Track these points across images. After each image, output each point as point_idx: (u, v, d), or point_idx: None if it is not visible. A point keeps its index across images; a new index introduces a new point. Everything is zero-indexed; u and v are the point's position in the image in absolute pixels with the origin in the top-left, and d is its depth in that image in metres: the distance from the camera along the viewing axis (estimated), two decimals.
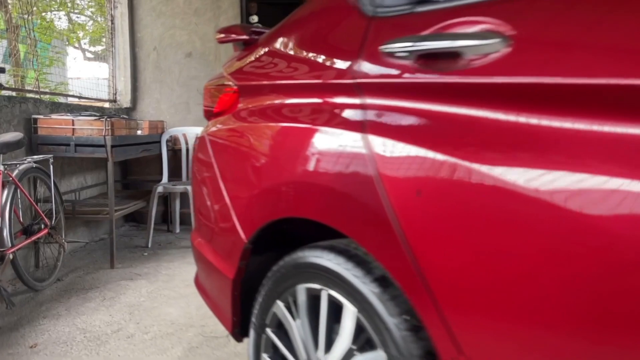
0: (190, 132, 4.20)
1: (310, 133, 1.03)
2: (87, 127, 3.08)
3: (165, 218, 4.42)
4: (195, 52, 4.71)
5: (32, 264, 3.00)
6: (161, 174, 4.47)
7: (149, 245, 3.71)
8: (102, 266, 3.20)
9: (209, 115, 1.55)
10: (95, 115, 3.20)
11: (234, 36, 1.50)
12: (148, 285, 2.81)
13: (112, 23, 4.57)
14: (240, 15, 4.66)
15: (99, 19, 8.32)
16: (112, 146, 3.08)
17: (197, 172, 1.58)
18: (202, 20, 4.68)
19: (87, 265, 3.22)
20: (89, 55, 12.30)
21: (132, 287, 2.79)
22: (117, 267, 3.17)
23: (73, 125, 3.07)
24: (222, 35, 1.56)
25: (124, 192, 4.27)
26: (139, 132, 3.66)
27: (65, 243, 2.89)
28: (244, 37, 1.47)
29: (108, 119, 3.08)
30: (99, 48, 12.26)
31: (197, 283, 1.67)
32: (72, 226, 3.46)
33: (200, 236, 1.57)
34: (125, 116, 3.71)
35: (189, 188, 3.71)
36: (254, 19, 4.69)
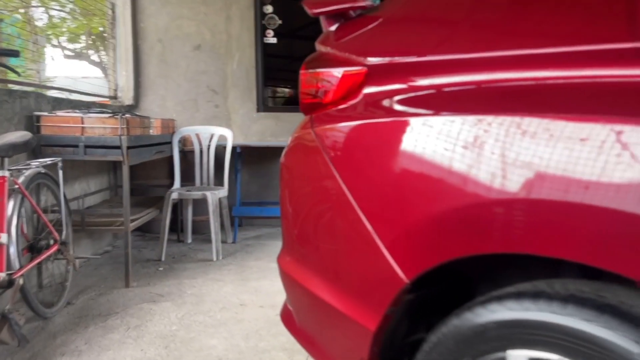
0: (203, 132, 3.80)
1: (567, 125, 0.68)
2: (99, 126, 2.67)
3: (174, 227, 4.01)
4: (205, 44, 4.31)
5: (34, 283, 2.58)
6: (170, 178, 4.07)
7: (163, 259, 3.31)
8: (115, 285, 2.80)
9: (311, 107, 1.19)
10: (107, 112, 2.79)
11: (346, 4, 1.15)
12: (176, 310, 2.42)
13: (113, 12, 4.14)
14: (254, 4, 4.28)
15: (80, 17, 7.83)
16: (128, 147, 2.68)
17: (293, 181, 1.22)
18: (212, 9, 4.29)
19: (97, 284, 2.81)
20: (68, 52, 11.73)
21: (157, 311, 2.39)
22: (132, 286, 2.77)
23: (82, 123, 2.66)
24: (324, 6, 1.20)
25: (131, 199, 3.84)
26: (151, 132, 3.26)
27: (76, 260, 2.48)
28: (364, 3, 1.12)
29: (123, 117, 2.68)
30: (78, 45, 11.71)
31: (289, 321, 1.30)
32: (74, 238, 3.04)
33: (298, 261, 1.21)
34: (137, 114, 3.29)
35: (209, 194, 3.33)
36: (269, 9, 4.32)
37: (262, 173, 4.45)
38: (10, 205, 1.99)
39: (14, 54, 2.11)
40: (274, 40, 4.36)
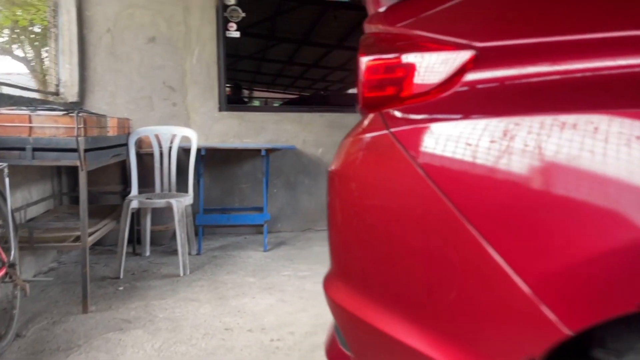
0: (164, 132, 3.43)
1: None
2: (50, 125, 2.27)
3: (129, 238, 3.60)
4: (161, 36, 3.93)
5: None
6: (123, 183, 3.66)
7: (121, 276, 2.92)
8: (70, 310, 2.40)
9: (379, 102, 0.95)
10: (59, 110, 2.39)
11: None
12: (150, 339, 2.08)
13: None
14: None
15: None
16: (86, 150, 2.30)
17: (358, 196, 0.97)
18: None
19: (49, 310, 2.40)
20: None
21: (128, 342, 2.05)
22: (91, 311, 2.38)
23: (30, 122, 2.26)
24: None
25: (77, 209, 3.40)
26: (107, 132, 2.86)
27: (26, 284, 2.07)
28: None
29: (80, 115, 2.30)
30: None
31: None
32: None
33: (366, 295, 0.96)
34: (93, 112, 2.89)
35: (174, 202, 2.98)
36: (231, 0, 4.01)
37: (224, 177, 4.12)
38: None
39: None
40: (237, 34, 4.05)
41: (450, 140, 0.80)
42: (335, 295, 1.04)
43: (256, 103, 4.68)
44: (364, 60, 0.98)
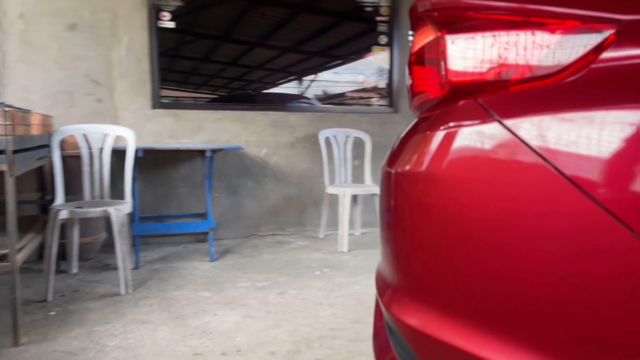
0: (95, 132, 3.02)
1: None
2: None
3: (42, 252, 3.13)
4: (82, 23, 3.49)
5: None
6: (41, 190, 3.19)
7: (50, 298, 2.51)
8: None
9: (473, 89, 0.79)
10: None
11: None
12: None
13: None
14: None
15: None
16: (14, 152, 1.91)
17: (455, 200, 0.80)
18: None
19: None
20: None
21: None
22: (23, 343, 1.99)
23: None
24: None
25: None
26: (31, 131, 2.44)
27: None
28: None
29: (6, 110, 1.90)
30: None
31: None
32: None
33: (454, 316, 0.79)
34: (18, 107, 2.44)
35: (112, 211, 2.61)
36: None
37: (158, 182, 3.76)
38: None
39: None
40: (171, 25, 3.71)
41: (580, 131, 0.66)
42: (406, 317, 0.86)
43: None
44: (451, 39, 0.82)
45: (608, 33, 0.70)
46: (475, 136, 0.78)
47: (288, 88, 4.23)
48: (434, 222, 0.82)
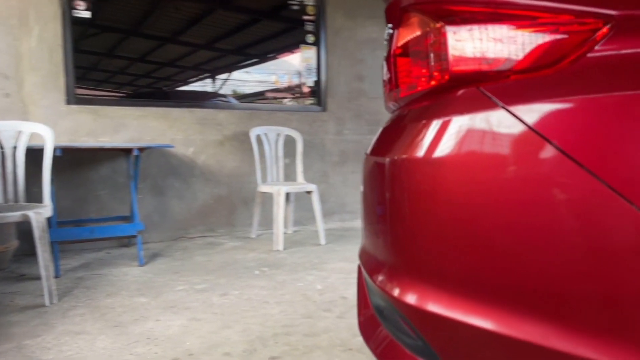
0: (6, 129, 2.73)
1: None
2: None
3: None
4: None
5: None
6: None
7: None
8: None
9: (475, 78, 0.82)
10: None
11: None
12: None
13: None
14: None
15: None
16: None
17: (466, 188, 0.82)
18: None
19: None
20: None
21: None
22: None
23: None
24: None
25: None
26: None
27: None
28: None
29: None
30: None
31: None
32: None
33: (465, 295, 0.81)
34: None
35: (32, 215, 2.39)
36: None
37: (75, 183, 3.49)
38: None
39: None
40: (87, 14, 3.47)
41: (580, 116, 0.73)
42: (419, 300, 0.88)
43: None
44: (452, 30, 0.85)
45: (601, 27, 0.76)
46: (482, 123, 0.81)
47: (205, 86, 4.12)
48: (443, 205, 0.85)
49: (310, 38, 4.28)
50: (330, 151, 4.41)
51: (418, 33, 0.96)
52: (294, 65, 4.29)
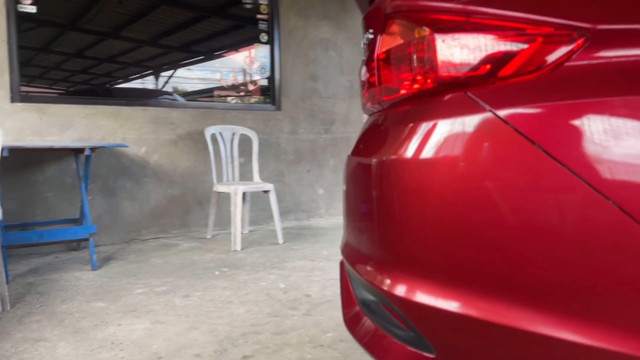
0: None
1: None
2: None
3: None
4: None
5: None
6: None
7: None
8: None
9: (460, 83, 0.88)
10: None
11: None
12: None
13: None
14: None
15: None
16: None
17: (453, 190, 0.87)
18: None
19: None
20: None
21: None
22: None
23: None
24: None
25: None
26: None
27: None
28: None
29: None
30: None
31: None
32: None
33: (461, 288, 0.87)
34: None
35: None
36: None
37: (20, 185, 3.33)
38: None
39: None
40: (32, 9, 3.31)
41: (569, 121, 0.80)
42: (410, 292, 0.93)
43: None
44: (441, 37, 0.91)
45: (577, 39, 0.84)
46: (469, 125, 0.87)
47: (156, 83, 4.03)
48: (433, 203, 0.90)
49: (263, 37, 4.28)
50: (285, 150, 4.43)
51: (404, 39, 1.01)
52: (246, 64, 4.28)
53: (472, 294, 0.87)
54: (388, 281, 0.98)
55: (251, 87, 4.29)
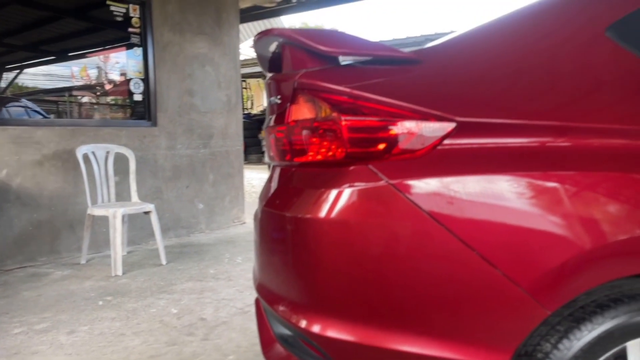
0: None
1: None
2: None
3: None
4: None
5: None
6: None
7: None
8: None
9: (362, 156, 1.07)
10: None
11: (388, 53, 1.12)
12: None
13: None
14: None
15: None
16: None
17: (360, 242, 1.06)
18: None
19: None
20: None
21: None
22: None
23: None
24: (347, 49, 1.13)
25: None
26: None
27: None
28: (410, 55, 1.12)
29: None
30: None
31: None
32: None
33: (366, 323, 1.07)
34: None
35: None
36: None
37: None
38: None
39: None
40: None
41: (446, 189, 1.04)
42: (332, 331, 1.10)
43: None
44: (346, 119, 1.09)
45: (448, 127, 1.08)
46: (371, 192, 1.07)
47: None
48: (345, 256, 1.08)
49: (137, 51, 4.16)
50: (163, 166, 4.35)
51: (313, 114, 1.17)
52: (119, 74, 4.12)
53: (366, 326, 1.08)
54: (304, 321, 1.14)
55: (108, 87, 4.11)
